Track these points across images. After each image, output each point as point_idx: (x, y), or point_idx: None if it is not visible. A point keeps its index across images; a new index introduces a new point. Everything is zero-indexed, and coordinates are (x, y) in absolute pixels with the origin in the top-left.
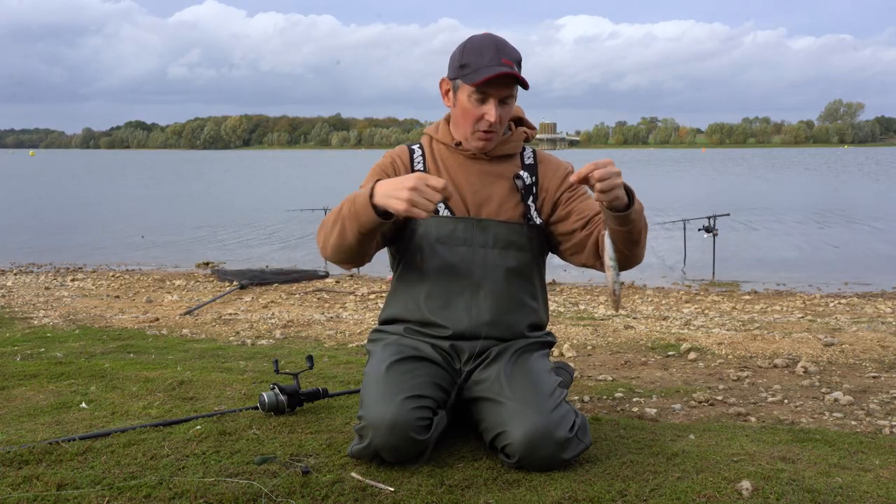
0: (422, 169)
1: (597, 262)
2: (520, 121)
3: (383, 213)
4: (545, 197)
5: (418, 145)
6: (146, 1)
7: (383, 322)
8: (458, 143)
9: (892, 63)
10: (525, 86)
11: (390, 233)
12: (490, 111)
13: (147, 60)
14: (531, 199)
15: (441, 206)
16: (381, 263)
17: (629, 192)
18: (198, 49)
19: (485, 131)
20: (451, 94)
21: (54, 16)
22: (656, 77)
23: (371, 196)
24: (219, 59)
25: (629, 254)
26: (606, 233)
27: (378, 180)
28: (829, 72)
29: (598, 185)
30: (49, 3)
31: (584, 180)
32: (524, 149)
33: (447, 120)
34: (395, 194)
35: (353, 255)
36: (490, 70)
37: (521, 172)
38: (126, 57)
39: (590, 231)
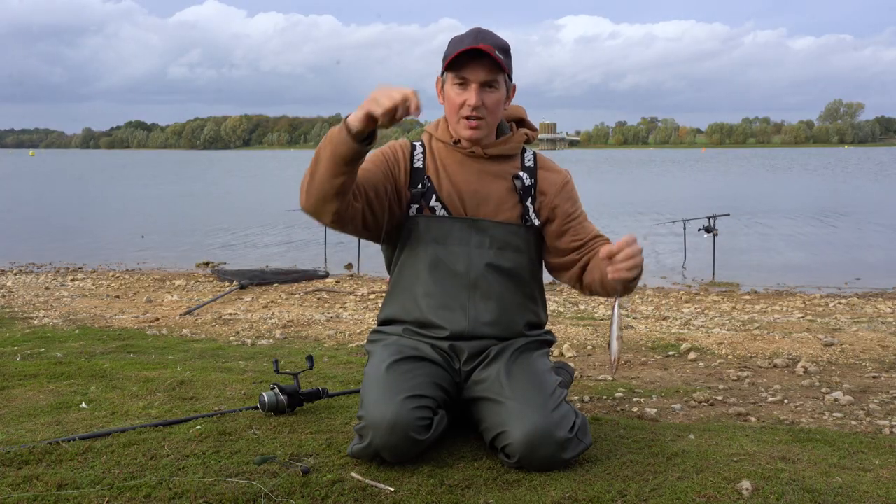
0: (421, 165)
1: (577, 285)
2: (521, 122)
3: (356, 136)
4: (543, 201)
5: (420, 142)
6: (147, 1)
7: (382, 322)
8: (457, 141)
9: (892, 63)
10: (501, 66)
11: (382, 211)
12: (470, 96)
13: (147, 60)
14: (529, 200)
15: (438, 206)
16: (381, 263)
17: None
18: (198, 49)
19: (467, 117)
20: (442, 90)
21: (55, 16)
22: (656, 77)
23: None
24: (219, 60)
25: (612, 293)
26: (617, 304)
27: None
28: (829, 72)
29: (628, 263)
30: (50, 3)
31: (610, 257)
32: (525, 150)
33: (446, 118)
34: (365, 99)
35: (324, 193)
36: (461, 48)
37: (521, 173)
38: (126, 57)
39: (581, 255)
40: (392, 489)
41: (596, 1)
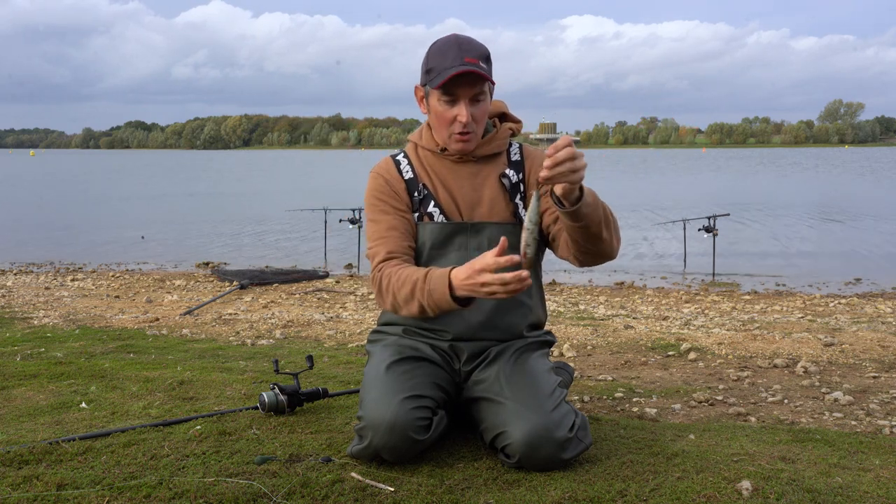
0: (412, 175)
1: (569, 256)
2: (503, 116)
3: (467, 299)
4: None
5: (402, 154)
6: (153, 2)
7: (382, 324)
8: (444, 149)
9: (893, 63)
10: (490, 81)
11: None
12: (461, 112)
13: (151, 61)
14: (518, 196)
15: (436, 212)
16: None
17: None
18: (202, 50)
19: (460, 133)
20: (424, 100)
21: (60, 17)
22: (659, 77)
23: (451, 288)
24: (223, 60)
25: (593, 248)
26: (535, 193)
27: (450, 270)
28: (830, 72)
29: (550, 173)
30: (57, 4)
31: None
32: (511, 144)
33: (429, 125)
34: (477, 291)
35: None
36: (451, 70)
37: (507, 171)
38: (129, 58)
39: (562, 225)
40: (392, 489)
41: (600, 1)
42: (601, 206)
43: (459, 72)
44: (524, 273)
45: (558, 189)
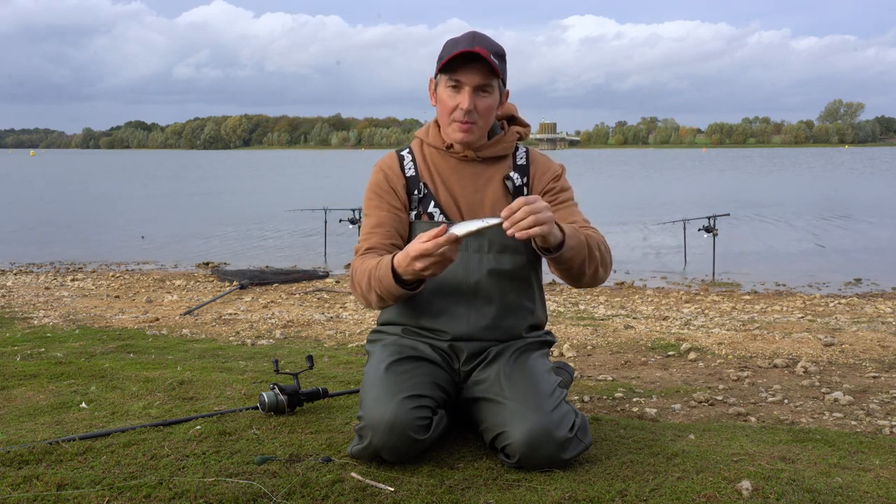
0: (414, 172)
1: (563, 277)
2: (512, 119)
3: (415, 282)
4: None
5: (408, 150)
6: (155, 2)
7: (381, 324)
8: (450, 146)
9: (893, 63)
10: (496, 71)
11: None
12: (463, 99)
13: (151, 61)
14: None
15: (436, 212)
16: None
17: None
18: (204, 50)
19: (461, 121)
20: (435, 92)
21: (62, 17)
22: (659, 77)
23: (395, 274)
24: (224, 60)
25: (576, 282)
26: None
27: (393, 256)
28: (830, 72)
29: (527, 220)
30: (59, 4)
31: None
32: (517, 148)
33: (437, 122)
34: (411, 269)
35: (386, 305)
36: (458, 50)
37: (512, 174)
38: (130, 58)
39: None
40: (392, 489)
41: (602, 1)
42: (585, 247)
43: (463, 50)
44: (447, 234)
45: (538, 239)
